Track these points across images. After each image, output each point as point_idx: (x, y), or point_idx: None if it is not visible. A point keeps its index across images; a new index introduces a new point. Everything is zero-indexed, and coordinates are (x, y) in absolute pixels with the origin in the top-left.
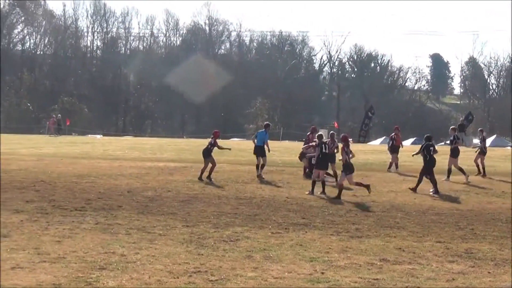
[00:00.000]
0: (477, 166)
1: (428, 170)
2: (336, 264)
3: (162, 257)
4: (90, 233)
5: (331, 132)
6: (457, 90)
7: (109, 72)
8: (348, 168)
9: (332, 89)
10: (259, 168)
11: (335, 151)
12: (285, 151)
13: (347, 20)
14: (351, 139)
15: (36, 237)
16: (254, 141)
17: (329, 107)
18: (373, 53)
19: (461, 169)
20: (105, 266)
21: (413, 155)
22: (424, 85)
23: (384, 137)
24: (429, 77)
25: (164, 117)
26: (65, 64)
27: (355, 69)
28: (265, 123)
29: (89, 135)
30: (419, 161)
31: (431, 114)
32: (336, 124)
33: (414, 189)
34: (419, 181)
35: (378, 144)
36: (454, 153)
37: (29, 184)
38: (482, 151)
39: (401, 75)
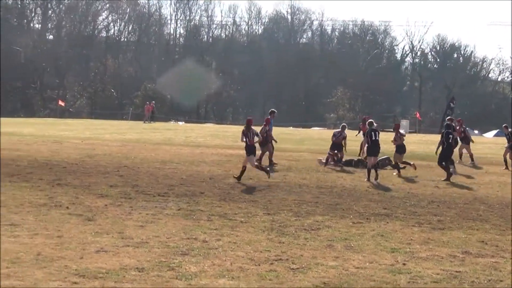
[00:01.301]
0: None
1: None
2: (417, 256)
3: (243, 244)
4: (172, 218)
5: (342, 124)
6: None
7: (191, 59)
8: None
9: (414, 80)
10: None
11: (343, 142)
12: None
13: (430, 10)
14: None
15: (120, 222)
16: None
17: (411, 97)
18: (456, 44)
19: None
20: (187, 251)
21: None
22: (508, 77)
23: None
24: None
25: (245, 105)
26: (148, 51)
27: (438, 60)
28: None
29: (172, 122)
30: (500, 154)
31: None
32: (418, 115)
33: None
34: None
35: None
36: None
37: (113, 169)
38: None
39: (484, 66)
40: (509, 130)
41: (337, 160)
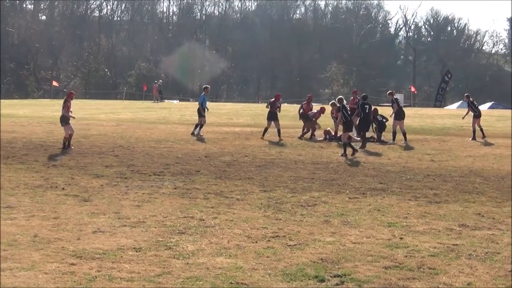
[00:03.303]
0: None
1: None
2: (414, 230)
3: (240, 221)
4: (169, 197)
5: (308, 95)
6: None
7: (185, 37)
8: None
9: (408, 54)
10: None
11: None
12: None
13: None
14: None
15: (116, 202)
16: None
17: (405, 71)
18: (450, 17)
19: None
20: (184, 230)
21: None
22: (501, 49)
23: (461, 101)
24: (506, 41)
25: (239, 82)
26: (141, 30)
27: (431, 33)
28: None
29: (166, 101)
30: (496, 126)
31: (508, 78)
32: (413, 88)
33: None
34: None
35: (455, 108)
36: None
37: (108, 149)
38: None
39: (478, 38)
40: (470, 99)
41: (330, 137)
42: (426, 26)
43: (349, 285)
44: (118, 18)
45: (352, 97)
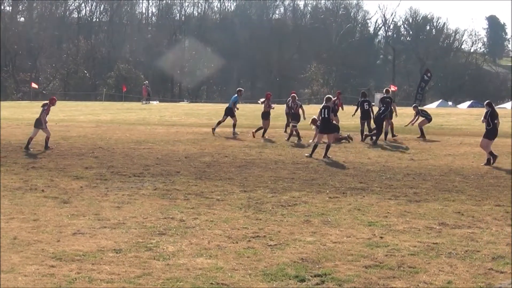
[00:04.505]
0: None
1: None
2: (394, 229)
3: (220, 222)
4: (149, 198)
5: (292, 94)
6: None
7: (164, 38)
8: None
9: (387, 53)
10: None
11: (299, 110)
12: (342, 116)
13: None
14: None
15: (96, 203)
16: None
17: (384, 71)
18: (429, 16)
19: None
20: (165, 231)
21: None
22: (480, 48)
23: (441, 100)
24: (485, 40)
25: (219, 83)
26: (120, 31)
27: (411, 32)
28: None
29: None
30: (475, 125)
31: (487, 76)
32: (393, 87)
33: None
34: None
35: (434, 107)
36: None
37: (88, 150)
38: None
39: (457, 37)
40: (418, 108)
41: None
42: (405, 25)
43: (330, 284)
44: (97, 20)
45: (336, 97)
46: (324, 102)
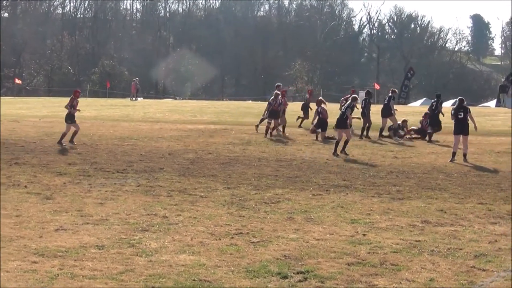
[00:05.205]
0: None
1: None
2: (377, 226)
3: (204, 219)
4: (132, 195)
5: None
6: (498, 51)
7: (149, 35)
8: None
9: (371, 51)
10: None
11: (279, 108)
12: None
13: None
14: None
15: (79, 199)
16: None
17: (369, 68)
18: (413, 14)
19: None
20: (148, 228)
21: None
22: (464, 46)
23: (425, 98)
24: (469, 38)
25: (203, 80)
26: (105, 27)
27: (395, 31)
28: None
29: (128, 98)
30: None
31: (471, 75)
32: (376, 85)
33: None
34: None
35: (418, 105)
36: None
37: (71, 146)
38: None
39: (441, 36)
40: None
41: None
42: (389, 23)
43: (312, 281)
44: (81, 16)
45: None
46: (350, 100)
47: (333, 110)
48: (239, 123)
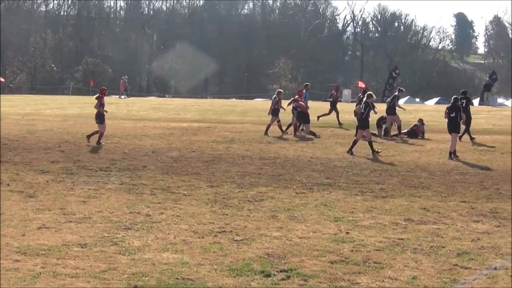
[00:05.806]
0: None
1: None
2: (361, 224)
3: (187, 217)
4: (115, 193)
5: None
6: (481, 49)
7: (133, 32)
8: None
9: (355, 49)
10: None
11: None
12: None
13: None
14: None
15: (61, 198)
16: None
17: (353, 67)
18: (397, 13)
19: None
20: (131, 226)
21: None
22: (448, 45)
23: (408, 96)
24: (453, 37)
25: (187, 77)
26: (88, 25)
27: (379, 29)
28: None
29: (113, 96)
30: (442, 121)
31: (455, 73)
32: (361, 84)
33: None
34: None
35: (401, 103)
36: None
37: (54, 144)
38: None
39: (425, 34)
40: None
41: None
42: (373, 22)
43: (295, 279)
44: (65, 13)
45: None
46: (365, 97)
47: (318, 108)
48: (222, 121)
